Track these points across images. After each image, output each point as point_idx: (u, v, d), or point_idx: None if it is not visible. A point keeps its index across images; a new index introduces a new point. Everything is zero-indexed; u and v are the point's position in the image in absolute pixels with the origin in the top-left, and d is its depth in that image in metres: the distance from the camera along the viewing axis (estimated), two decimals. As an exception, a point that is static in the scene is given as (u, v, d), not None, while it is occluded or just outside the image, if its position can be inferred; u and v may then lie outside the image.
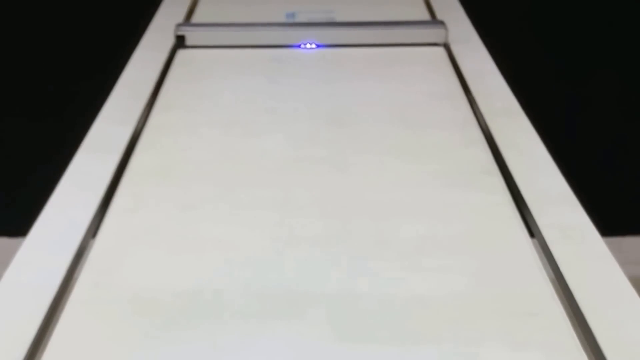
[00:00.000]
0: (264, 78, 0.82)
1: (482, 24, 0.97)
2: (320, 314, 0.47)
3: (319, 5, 1.03)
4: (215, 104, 0.77)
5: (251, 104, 0.77)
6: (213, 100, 0.78)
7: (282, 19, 0.98)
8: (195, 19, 1.02)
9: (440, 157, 0.66)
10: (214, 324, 0.46)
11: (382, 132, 0.71)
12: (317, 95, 0.79)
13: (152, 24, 0.99)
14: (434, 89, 0.80)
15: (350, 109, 0.76)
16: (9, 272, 0.51)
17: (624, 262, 0.53)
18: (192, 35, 0.91)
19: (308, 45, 0.90)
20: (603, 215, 0.70)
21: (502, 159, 0.66)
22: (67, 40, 1.54)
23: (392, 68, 0.85)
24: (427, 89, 0.80)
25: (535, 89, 1.57)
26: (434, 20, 0.97)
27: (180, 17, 1.01)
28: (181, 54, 0.89)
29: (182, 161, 0.66)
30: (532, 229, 0.58)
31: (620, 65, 1.58)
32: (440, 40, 0.91)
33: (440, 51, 0.90)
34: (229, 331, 0.46)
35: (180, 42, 0.91)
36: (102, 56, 1.52)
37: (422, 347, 0.44)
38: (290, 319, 0.47)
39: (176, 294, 0.49)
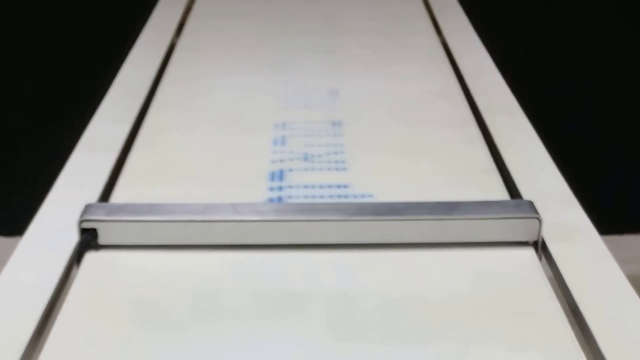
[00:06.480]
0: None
1: (480, 21, 0.97)
2: (319, 314, 0.47)
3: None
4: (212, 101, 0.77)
5: (250, 102, 0.77)
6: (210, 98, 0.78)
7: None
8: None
9: (439, 156, 0.66)
10: (212, 324, 0.46)
11: (380, 130, 0.71)
12: (317, 98, 0.79)
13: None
14: (432, 86, 0.80)
15: (349, 106, 0.76)
16: (6, 272, 0.51)
17: (622, 261, 0.53)
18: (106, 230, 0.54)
19: None
20: (601, 214, 0.70)
21: (500, 157, 0.66)
22: (64, 40, 1.54)
23: (390, 66, 0.85)
24: (425, 87, 0.80)
25: (534, 87, 1.57)
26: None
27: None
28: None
29: (179, 160, 0.66)
30: (530, 228, 0.57)
31: (620, 65, 1.58)
32: (532, 238, 0.55)
33: (437, 45, 0.90)
34: (228, 331, 0.45)
35: (85, 244, 0.53)
36: (100, 56, 1.52)
37: (421, 346, 0.44)
38: (288, 319, 0.47)
39: (174, 294, 0.49)
